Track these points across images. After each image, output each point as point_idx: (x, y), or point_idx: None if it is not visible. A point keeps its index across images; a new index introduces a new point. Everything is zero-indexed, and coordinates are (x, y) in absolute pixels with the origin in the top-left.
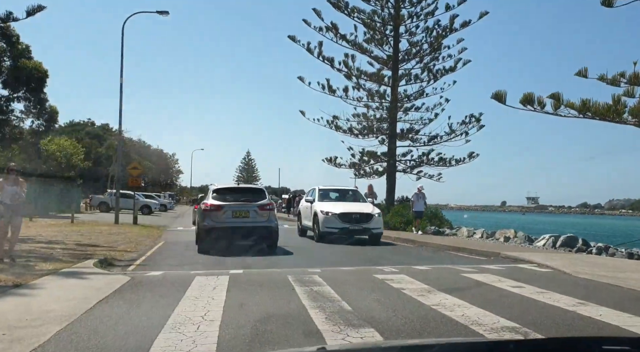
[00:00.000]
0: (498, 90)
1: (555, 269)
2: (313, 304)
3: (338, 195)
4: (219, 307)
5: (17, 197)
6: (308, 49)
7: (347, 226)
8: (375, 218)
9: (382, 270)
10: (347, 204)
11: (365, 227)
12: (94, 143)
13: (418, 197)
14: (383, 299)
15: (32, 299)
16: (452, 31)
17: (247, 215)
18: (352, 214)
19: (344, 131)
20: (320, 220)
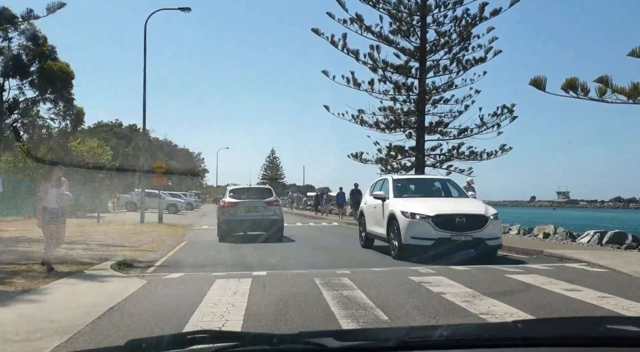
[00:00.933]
0: (537, 77)
1: (609, 268)
2: (344, 312)
3: (421, 187)
4: (239, 316)
5: (63, 199)
6: (332, 42)
7: (446, 235)
8: (492, 223)
9: (417, 271)
10: (442, 201)
11: (476, 237)
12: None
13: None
14: (423, 306)
15: (38, 306)
16: (482, 20)
17: (257, 210)
18: (455, 216)
19: (369, 126)
20: (403, 226)
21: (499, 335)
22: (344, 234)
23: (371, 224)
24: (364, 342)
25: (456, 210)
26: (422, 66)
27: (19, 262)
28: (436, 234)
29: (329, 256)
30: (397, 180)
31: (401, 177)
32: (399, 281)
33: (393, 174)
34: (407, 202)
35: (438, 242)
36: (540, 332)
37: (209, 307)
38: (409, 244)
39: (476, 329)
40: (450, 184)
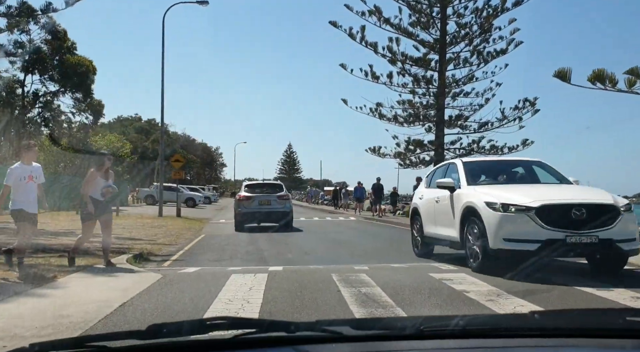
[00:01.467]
0: (562, 68)
1: None
2: (362, 311)
3: (502, 172)
4: (254, 313)
5: (110, 190)
6: (350, 34)
7: (559, 235)
8: (625, 217)
9: (437, 267)
10: (545, 188)
11: (604, 239)
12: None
13: None
14: (445, 305)
15: (50, 301)
16: (504, 11)
17: (269, 203)
18: (571, 207)
19: (388, 119)
20: (491, 223)
21: (516, 325)
22: (361, 229)
23: (432, 223)
24: (380, 332)
25: (571, 198)
26: (441, 59)
27: (36, 256)
28: (544, 234)
29: (347, 251)
30: (470, 163)
31: (473, 159)
32: (419, 278)
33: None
34: (493, 190)
35: (546, 245)
36: (558, 323)
37: (223, 303)
38: (500, 248)
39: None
40: (543, 168)
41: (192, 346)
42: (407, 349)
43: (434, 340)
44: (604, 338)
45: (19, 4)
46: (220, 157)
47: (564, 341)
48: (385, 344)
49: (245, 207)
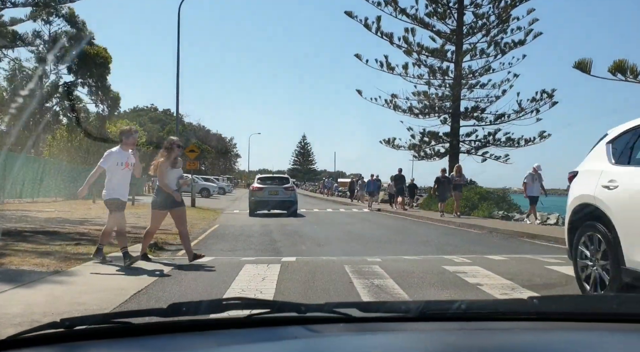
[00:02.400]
0: (582, 59)
1: None
2: None
3: None
4: None
5: (187, 181)
6: (365, 25)
7: None
8: None
9: (452, 260)
10: None
11: None
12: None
13: (533, 178)
14: (459, 299)
15: (66, 288)
16: (522, 1)
17: (277, 193)
18: None
19: (403, 111)
20: None
21: (514, 309)
22: (375, 220)
23: None
24: (385, 314)
25: None
26: (458, 49)
27: (54, 243)
28: None
29: (360, 243)
30: None
31: None
32: (432, 270)
33: None
34: None
35: None
36: (555, 308)
37: (236, 292)
38: None
39: (493, 303)
40: None
41: (209, 324)
42: (410, 330)
43: (436, 322)
44: (597, 322)
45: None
46: (235, 147)
47: (558, 324)
48: (390, 325)
49: (258, 197)
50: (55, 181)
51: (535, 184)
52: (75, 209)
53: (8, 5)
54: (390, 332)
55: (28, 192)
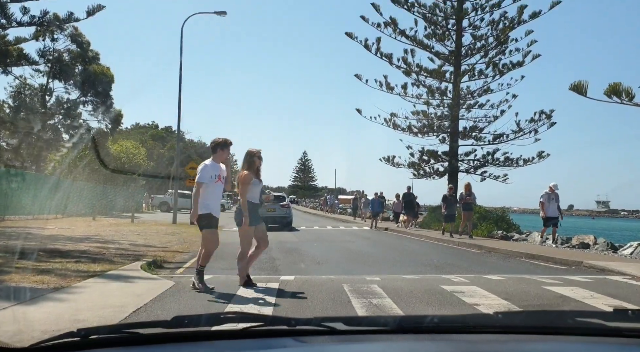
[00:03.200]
0: (578, 81)
1: None
2: None
3: None
4: None
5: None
6: (366, 46)
7: None
8: None
9: (449, 279)
10: None
11: None
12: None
13: (549, 198)
14: None
15: (66, 305)
16: (520, 23)
17: (275, 210)
18: None
19: (402, 129)
20: None
21: (481, 323)
22: (374, 238)
23: None
24: (367, 327)
25: None
26: (456, 70)
27: (54, 260)
28: None
29: (359, 262)
30: None
31: None
32: (430, 290)
33: None
34: None
35: None
36: (518, 322)
37: (234, 310)
38: None
39: (462, 317)
40: None
41: (209, 335)
42: (387, 341)
43: (411, 334)
44: (554, 335)
45: (42, 13)
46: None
47: (520, 337)
48: (371, 336)
49: None
50: (56, 197)
51: (552, 204)
52: (76, 226)
53: (13, 24)
54: (370, 343)
55: (29, 209)
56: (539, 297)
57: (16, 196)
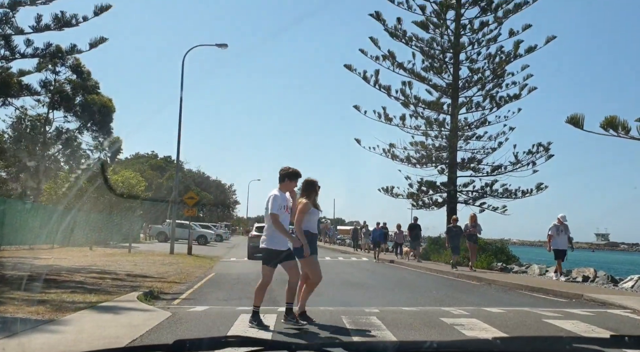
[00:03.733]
0: (574, 114)
1: None
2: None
3: None
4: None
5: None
6: (364, 78)
7: None
8: None
9: (450, 312)
10: None
11: None
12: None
13: (558, 230)
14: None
15: (61, 336)
16: (517, 57)
17: None
18: None
19: (400, 160)
20: None
21: (480, 348)
22: (372, 270)
23: None
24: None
25: None
26: (454, 102)
27: (49, 291)
28: None
29: (358, 293)
30: None
31: None
32: (430, 322)
33: None
34: None
35: None
36: (515, 347)
37: None
38: None
39: (461, 342)
40: None
41: None
42: None
43: None
44: None
45: (45, 45)
46: (234, 194)
47: None
48: None
49: (255, 242)
50: (53, 227)
51: (561, 237)
52: (73, 256)
53: (17, 56)
54: None
55: (26, 239)
56: (540, 330)
57: (13, 226)
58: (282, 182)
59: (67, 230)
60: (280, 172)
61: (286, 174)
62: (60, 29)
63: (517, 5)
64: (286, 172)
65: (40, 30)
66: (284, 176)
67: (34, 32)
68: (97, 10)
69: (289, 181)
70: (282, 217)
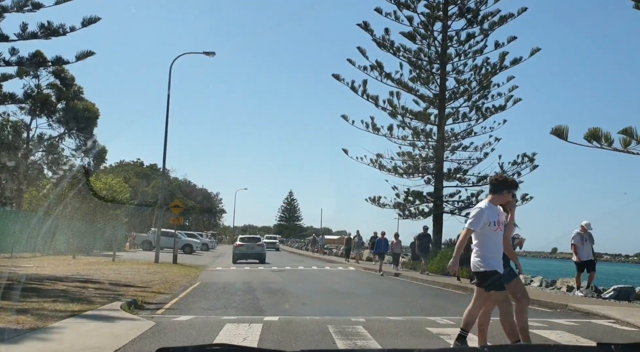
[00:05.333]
0: (559, 126)
1: None
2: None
3: None
4: None
5: (519, 239)
6: (352, 88)
7: None
8: None
9: (435, 322)
10: None
11: None
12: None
13: (582, 239)
14: None
15: (42, 346)
16: (502, 69)
17: (253, 248)
18: None
19: (388, 170)
20: None
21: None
22: (359, 279)
23: None
24: None
25: None
26: (441, 113)
27: (31, 300)
28: None
29: (345, 302)
30: None
31: None
32: (416, 332)
33: None
34: None
35: None
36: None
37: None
38: None
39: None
40: None
41: None
42: None
43: None
44: None
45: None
46: (220, 203)
47: None
48: None
49: (239, 250)
50: (36, 235)
51: (586, 246)
52: (56, 264)
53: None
54: None
55: (7, 247)
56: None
57: None
58: (498, 193)
59: (49, 237)
60: (493, 181)
61: (504, 184)
62: (47, 37)
63: (502, 17)
64: (504, 181)
65: (26, 38)
66: (499, 186)
67: (19, 40)
68: (85, 22)
69: (507, 192)
70: (492, 235)
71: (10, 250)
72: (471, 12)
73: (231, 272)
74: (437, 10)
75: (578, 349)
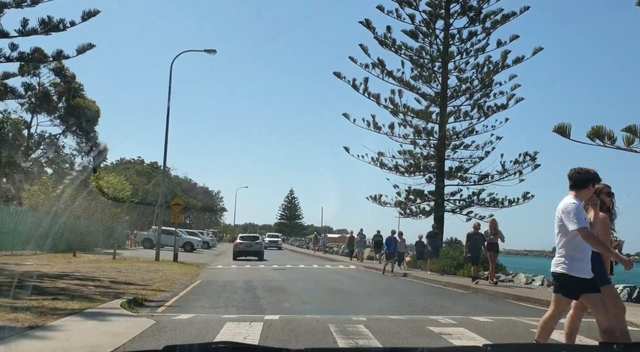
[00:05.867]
0: (562, 124)
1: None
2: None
3: None
4: None
5: (617, 242)
6: (354, 86)
7: None
8: None
9: (437, 321)
10: None
11: None
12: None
13: None
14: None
15: (41, 344)
16: (504, 67)
17: (252, 246)
18: None
19: (389, 168)
20: None
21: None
22: (360, 277)
23: None
24: None
25: None
26: (442, 111)
27: (30, 297)
28: None
29: (346, 301)
30: None
31: None
32: (417, 331)
33: None
34: None
35: None
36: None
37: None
38: None
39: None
40: None
41: None
42: None
43: None
44: None
45: (32, 50)
46: (221, 201)
47: None
48: None
49: (239, 248)
50: (36, 233)
51: None
52: (56, 262)
53: (1, 60)
54: None
55: (7, 244)
56: (528, 340)
57: None
58: (584, 188)
59: (49, 235)
60: (575, 174)
61: (589, 178)
62: (47, 33)
63: (505, 16)
64: (587, 174)
65: (27, 34)
66: (585, 180)
67: (19, 36)
68: (84, 15)
69: (592, 186)
70: None
71: (11, 247)
72: (473, 10)
73: (232, 271)
74: (439, 9)
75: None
